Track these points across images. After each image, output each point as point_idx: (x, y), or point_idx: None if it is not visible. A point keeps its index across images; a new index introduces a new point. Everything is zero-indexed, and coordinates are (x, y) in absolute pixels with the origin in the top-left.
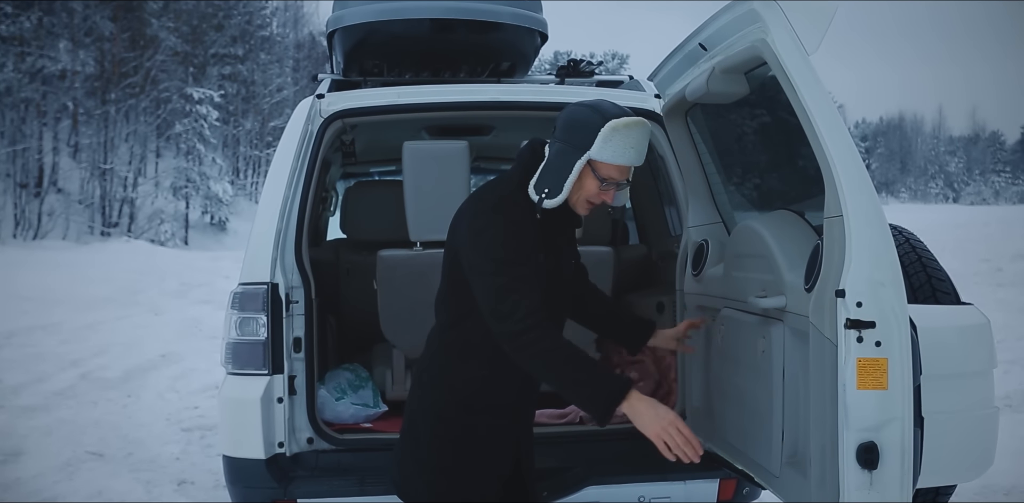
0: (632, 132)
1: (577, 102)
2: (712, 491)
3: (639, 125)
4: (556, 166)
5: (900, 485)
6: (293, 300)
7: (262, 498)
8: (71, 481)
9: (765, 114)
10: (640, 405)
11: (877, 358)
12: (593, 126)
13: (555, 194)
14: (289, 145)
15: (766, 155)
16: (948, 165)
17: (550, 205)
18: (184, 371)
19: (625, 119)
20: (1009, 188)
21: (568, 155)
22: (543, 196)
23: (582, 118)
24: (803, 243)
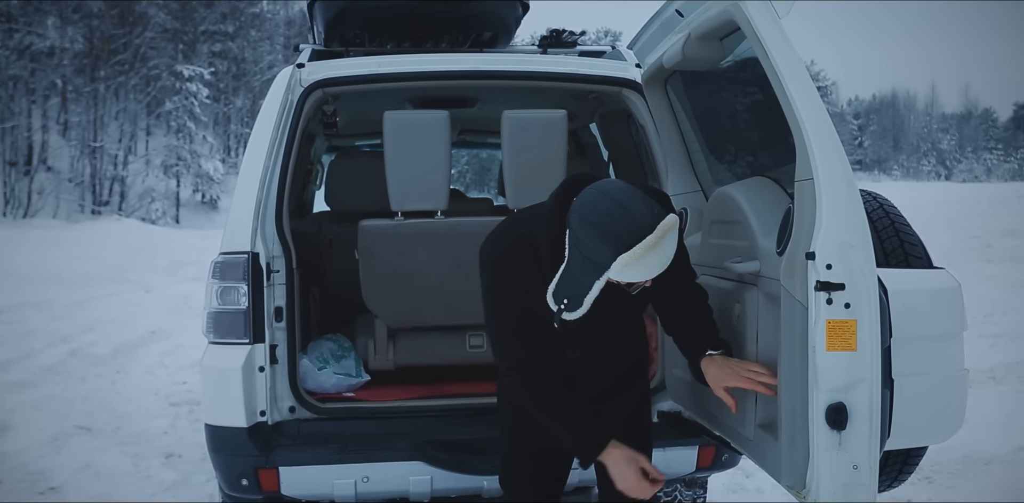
0: (652, 257)
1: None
2: (691, 458)
3: (658, 245)
4: (574, 276)
5: (868, 445)
6: (274, 269)
7: (244, 466)
8: (58, 455)
9: (744, 82)
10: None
11: (846, 320)
12: (603, 256)
13: (574, 308)
14: (269, 115)
15: (744, 123)
16: (940, 142)
17: (570, 317)
18: (173, 347)
19: (639, 249)
20: (1001, 165)
21: (586, 270)
22: (562, 307)
23: (591, 242)
24: (777, 209)
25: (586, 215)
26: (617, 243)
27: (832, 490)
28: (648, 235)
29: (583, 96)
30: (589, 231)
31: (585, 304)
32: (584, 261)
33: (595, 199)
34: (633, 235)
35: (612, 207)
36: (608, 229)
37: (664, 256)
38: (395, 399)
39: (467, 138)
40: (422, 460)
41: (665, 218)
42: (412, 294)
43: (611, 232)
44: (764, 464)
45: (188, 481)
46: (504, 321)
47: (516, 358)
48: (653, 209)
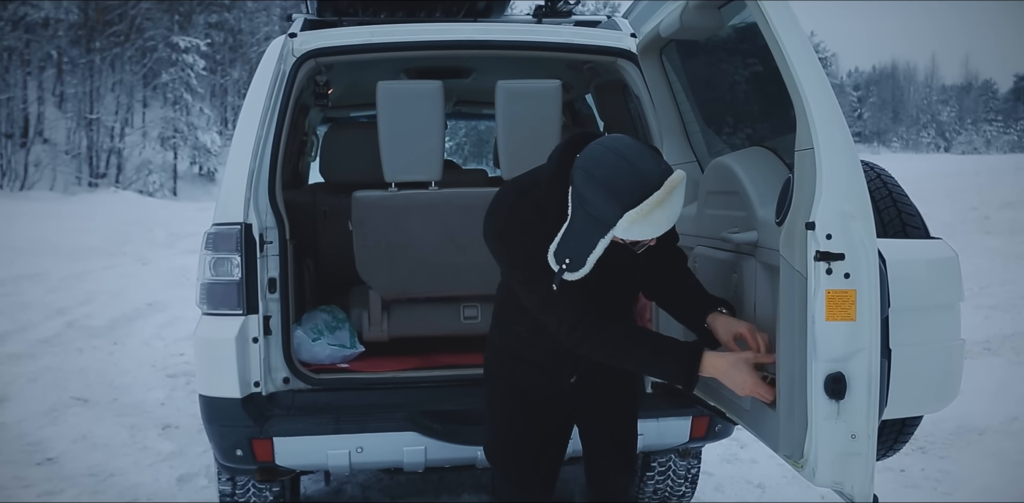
0: (659, 213)
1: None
2: (685, 429)
3: (665, 201)
4: (577, 235)
5: (867, 414)
6: (267, 241)
7: (238, 436)
8: (56, 425)
9: (741, 52)
10: (717, 373)
11: (846, 290)
12: (610, 213)
13: (577, 267)
14: (261, 85)
15: (741, 93)
16: (940, 114)
17: (572, 278)
18: (170, 319)
19: (646, 205)
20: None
21: (590, 227)
22: (564, 267)
23: (596, 198)
24: (775, 178)
25: (591, 171)
26: (623, 199)
27: (830, 459)
28: (656, 191)
29: (578, 66)
30: (594, 187)
31: (588, 264)
32: (588, 219)
33: (600, 154)
34: (641, 191)
35: (619, 162)
36: (614, 185)
37: (672, 213)
38: (389, 370)
39: (462, 109)
40: (416, 430)
41: (673, 174)
42: (406, 265)
43: (617, 188)
44: (761, 434)
45: (185, 452)
46: (541, 287)
47: (572, 315)
48: (660, 165)
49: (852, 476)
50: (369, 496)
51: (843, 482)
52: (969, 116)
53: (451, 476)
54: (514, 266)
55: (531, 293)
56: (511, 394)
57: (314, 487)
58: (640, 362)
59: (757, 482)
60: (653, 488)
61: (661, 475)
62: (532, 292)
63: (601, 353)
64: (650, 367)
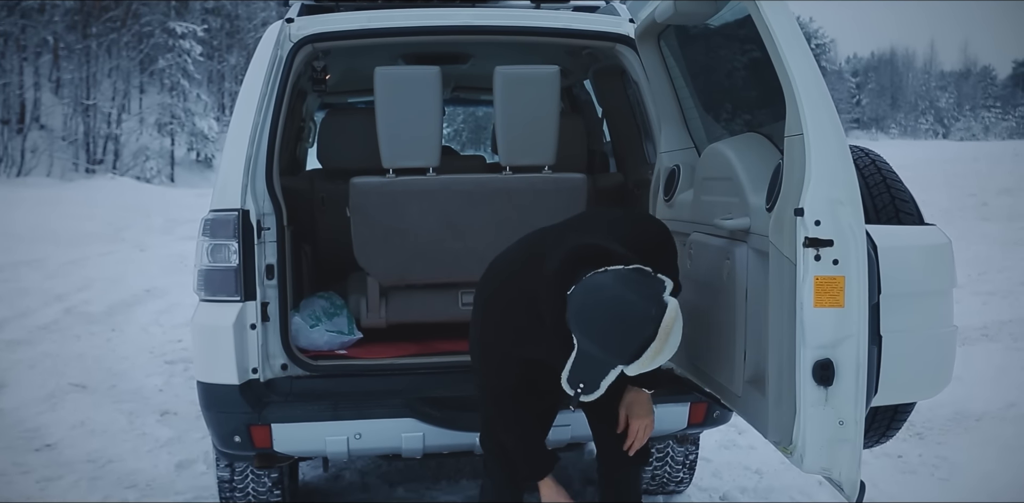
0: (661, 358)
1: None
2: (683, 415)
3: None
4: (588, 365)
5: (855, 401)
6: (265, 227)
7: (236, 423)
8: (54, 412)
9: (738, 38)
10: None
11: (834, 276)
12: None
13: (591, 391)
14: (257, 71)
15: (738, 78)
16: (939, 100)
17: (588, 399)
18: (168, 305)
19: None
20: (999, 123)
21: (602, 363)
22: (579, 391)
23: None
24: (768, 165)
25: (586, 330)
26: (624, 354)
27: (818, 445)
28: (652, 342)
29: (576, 52)
30: (591, 344)
31: (602, 388)
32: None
33: (591, 310)
34: (638, 345)
35: (605, 318)
36: (611, 344)
37: (673, 346)
38: (387, 356)
39: (460, 95)
40: (414, 417)
41: (665, 315)
42: (404, 252)
43: (614, 345)
44: (752, 420)
45: (183, 438)
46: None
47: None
48: (651, 311)
49: (840, 462)
50: (368, 482)
51: (831, 468)
52: (968, 102)
53: (449, 462)
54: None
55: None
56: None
57: (312, 473)
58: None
59: (755, 468)
60: (651, 474)
61: (659, 461)
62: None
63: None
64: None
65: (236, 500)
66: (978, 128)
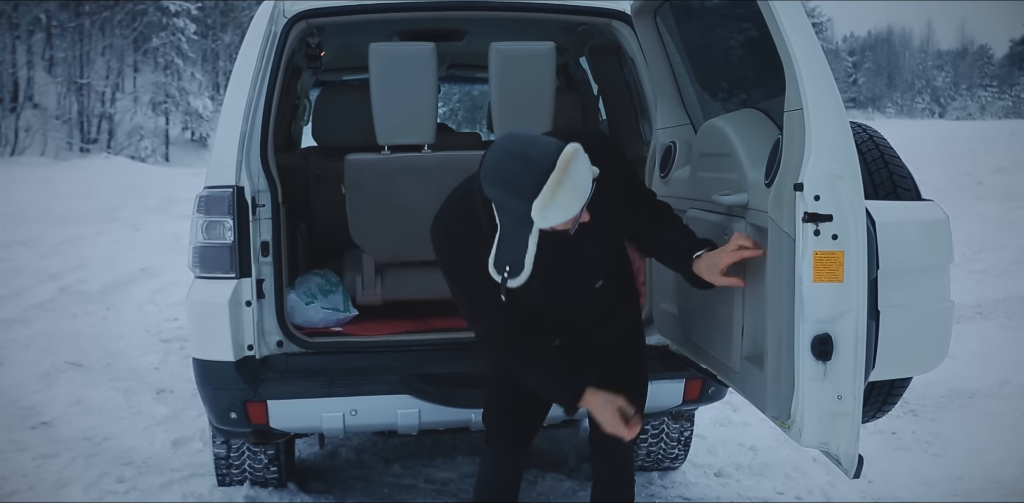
0: (563, 194)
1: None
2: (678, 391)
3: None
4: (510, 238)
5: (853, 375)
6: (260, 204)
7: (232, 399)
8: (49, 390)
9: (735, 14)
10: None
11: (833, 251)
12: (521, 209)
13: (518, 271)
14: (251, 47)
15: (735, 55)
16: (935, 80)
17: (515, 284)
18: (164, 284)
19: (547, 190)
20: (995, 103)
21: (517, 228)
22: (505, 275)
23: (505, 200)
24: (766, 141)
25: (491, 176)
26: (524, 191)
27: (816, 420)
28: (551, 173)
29: (572, 28)
30: (498, 190)
31: (526, 266)
32: (510, 220)
33: (494, 158)
34: (537, 179)
35: (508, 159)
36: (512, 182)
37: (577, 188)
38: (383, 333)
39: (456, 73)
40: (410, 393)
41: (563, 151)
42: (399, 229)
43: (515, 184)
44: (749, 395)
45: (180, 416)
46: (473, 296)
47: (483, 330)
48: (548, 147)
49: (838, 437)
50: (363, 459)
51: (829, 443)
52: (964, 82)
53: (445, 439)
54: (445, 275)
55: (456, 303)
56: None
57: (309, 450)
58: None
59: (750, 445)
60: (647, 451)
61: (654, 438)
62: (457, 302)
63: (504, 364)
64: (542, 391)
65: (232, 477)
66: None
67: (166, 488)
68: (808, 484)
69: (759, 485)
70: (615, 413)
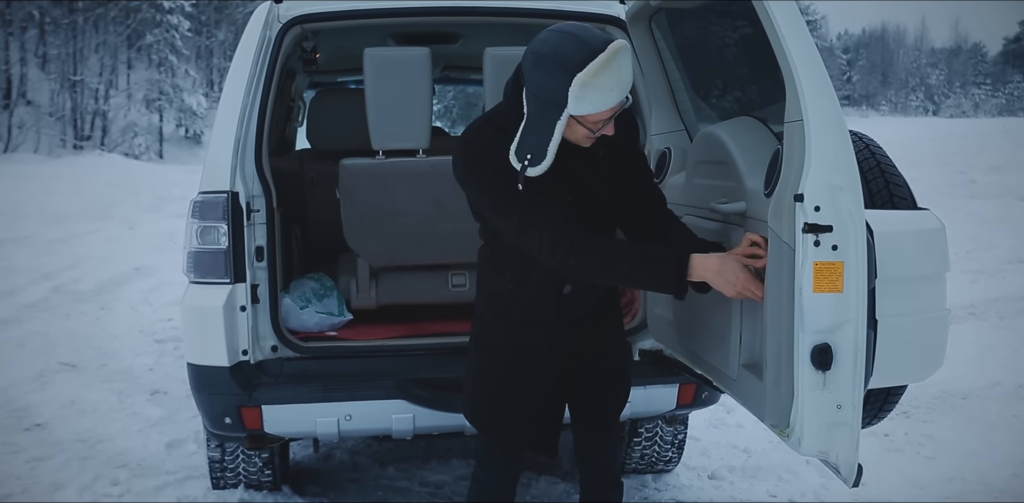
0: (607, 76)
1: (538, 41)
2: (672, 396)
3: (611, 63)
4: (536, 126)
5: (852, 385)
6: (254, 209)
7: (227, 404)
8: (44, 391)
9: (730, 21)
10: (707, 273)
11: (833, 261)
12: (560, 86)
13: (539, 159)
14: (246, 52)
15: (730, 62)
16: (929, 77)
17: (535, 174)
18: (158, 284)
19: (593, 66)
20: (989, 100)
21: (547, 113)
22: (525, 163)
23: (545, 72)
24: (764, 149)
25: (537, 51)
26: (570, 67)
27: (816, 429)
28: (600, 53)
29: None
30: (541, 65)
31: (549, 154)
32: (542, 106)
33: (544, 36)
34: (585, 56)
35: (562, 37)
36: (559, 55)
37: (619, 78)
38: (378, 338)
39: (450, 74)
40: (404, 398)
41: (615, 40)
42: (394, 233)
43: (563, 58)
44: (747, 403)
45: (174, 417)
46: (517, 206)
47: (554, 228)
48: (603, 34)
49: (837, 446)
50: (358, 461)
51: (828, 451)
52: (958, 79)
53: (439, 442)
54: (485, 191)
55: (506, 216)
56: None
57: (303, 453)
58: (628, 271)
59: (743, 447)
60: (640, 453)
61: (648, 441)
62: (507, 214)
63: (587, 266)
64: (638, 276)
65: (227, 480)
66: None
67: (160, 491)
68: (801, 486)
69: (752, 488)
70: (742, 268)
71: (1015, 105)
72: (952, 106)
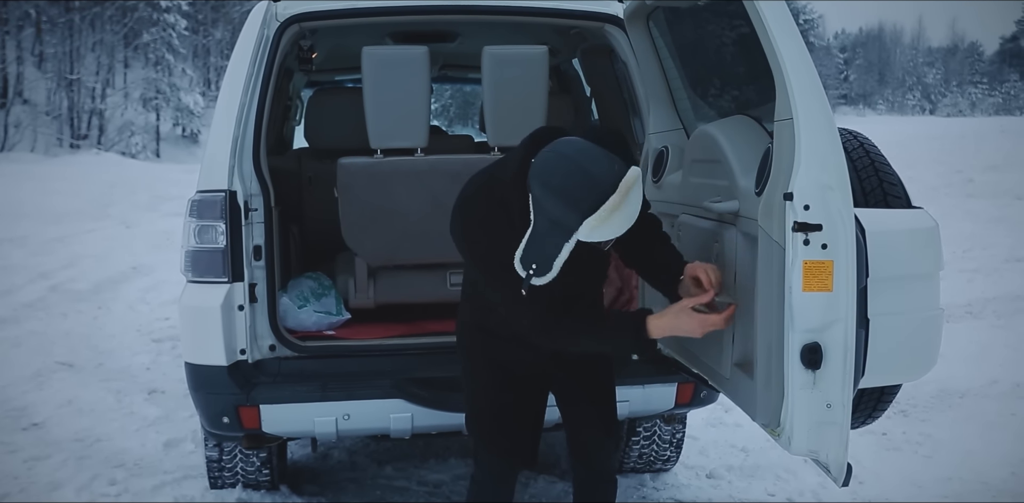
0: (618, 216)
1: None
2: (670, 395)
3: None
4: (542, 240)
5: (842, 384)
6: (252, 208)
7: (225, 404)
8: (41, 391)
9: (727, 20)
10: (665, 331)
11: (823, 260)
12: (569, 219)
13: (544, 272)
14: (244, 51)
15: (727, 61)
16: (926, 76)
17: (540, 282)
18: (155, 283)
19: (604, 211)
20: (985, 99)
21: (554, 234)
22: (531, 272)
23: (555, 207)
24: (757, 148)
25: (546, 181)
26: (581, 207)
27: (805, 428)
28: (611, 195)
29: (565, 31)
30: (551, 197)
31: (554, 268)
32: (550, 225)
33: (554, 162)
34: (596, 198)
35: (571, 170)
36: (569, 193)
37: (630, 214)
38: (376, 337)
39: (448, 73)
40: (403, 398)
41: (627, 174)
42: (392, 232)
43: (573, 196)
44: (740, 402)
45: (171, 417)
46: (502, 290)
47: (531, 317)
48: (613, 167)
49: (827, 445)
50: (356, 461)
51: (818, 451)
52: (955, 78)
53: (438, 442)
54: (475, 265)
55: (492, 289)
56: (487, 366)
57: (300, 452)
58: (596, 346)
59: (741, 446)
60: (639, 453)
61: (646, 440)
62: (493, 288)
63: (559, 346)
64: (606, 347)
65: (225, 480)
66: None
67: (158, 490)
68: (799, 485)
69: (751, 487)
70: (692, 315)
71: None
72: (949, 105)
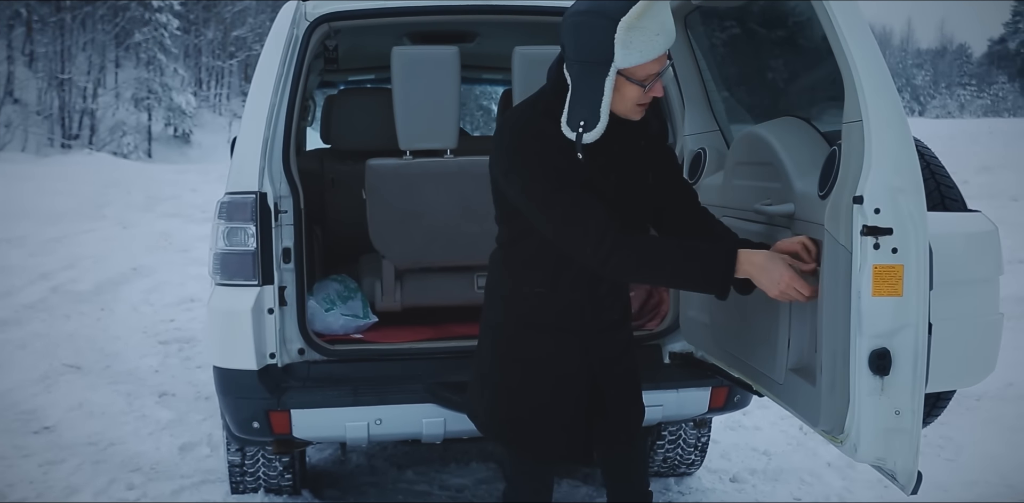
0: (650, 19)
1: (575, 6)
2: (704, 399)
3: (653, 6)
4: (584, 92)
5: (912, 390)
6: (282, 210)
7: (255, 409)
8: (50, 393)
9: (769, 20)
10: (752, 269)
11: (893, 265)
12: (604, 34)
13: (593, 124)
14: (274, 50)
15: (769, 62)
16: (915, 78)
17: (591, 139)
18: (157, 284)
19: (636, 10)
20: (974, 101)
21: (593, 75)
22: (580, 131)
23: (587, 29)
24: (812, 149)
25: (577, 10)
26: (612, 13)
27: (873, 435)
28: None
29: None
30: (582, 22)
31: (603, 116)
32: (586, 68)
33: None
34: (625, 2)
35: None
36: (600, 7)
37: (663, 21)
38: (404, 341)
39: (465, 74)
40: (435, 402)
41: None
42: (420, 234)
43: (603, 7)
44: (795, 408)
45: (184, 420)
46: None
47: (598, 225)
48: None
49: (895, 453)
50: (375, 465)
51: (885, 458)
52: (943, 80)
53: (457, 446)
54: (529, 178)
55: (551, 210)
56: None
57: (318, 456)
58: (673, 268)
59: (763, 449)
60: (663, 457)
61: (671, 444)
62: (552, 207)
63: (630, 264)
64: (683, 273)
65: (247, 484)
66: (953, 106)
67: (178, 495)
68: (824, 489)
69: (775, 490)
70: (787, 266)
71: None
72: (938, 107)
